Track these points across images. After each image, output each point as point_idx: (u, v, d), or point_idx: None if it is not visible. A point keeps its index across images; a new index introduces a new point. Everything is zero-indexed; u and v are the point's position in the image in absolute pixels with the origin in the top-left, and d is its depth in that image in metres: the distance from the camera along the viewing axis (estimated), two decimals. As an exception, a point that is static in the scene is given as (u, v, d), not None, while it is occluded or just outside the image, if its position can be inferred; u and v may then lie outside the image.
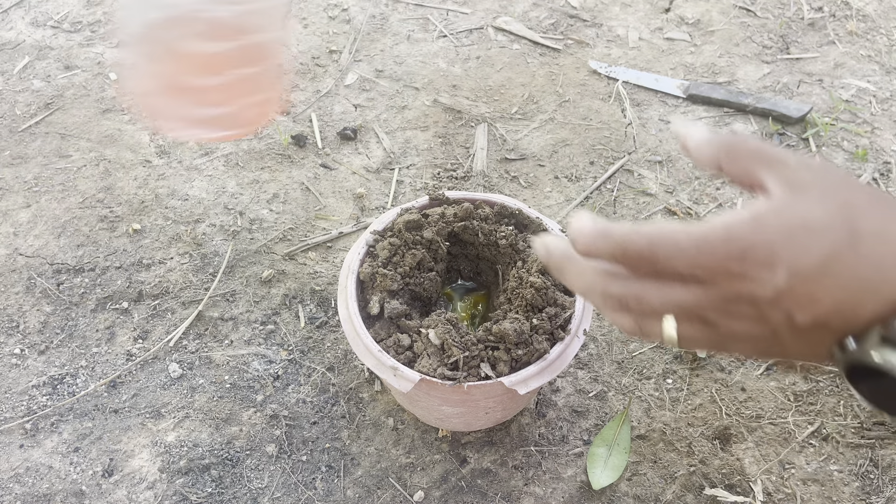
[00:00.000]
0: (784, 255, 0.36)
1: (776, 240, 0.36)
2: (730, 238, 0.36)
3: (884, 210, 0.37)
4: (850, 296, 0.36)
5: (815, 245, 0.36)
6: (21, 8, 1.16)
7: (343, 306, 0.63)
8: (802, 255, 0.36)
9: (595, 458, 0.70)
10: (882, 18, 1.16)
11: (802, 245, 0.36)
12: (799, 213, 0.37)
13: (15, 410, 0.74)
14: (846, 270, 0.36)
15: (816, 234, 0.36)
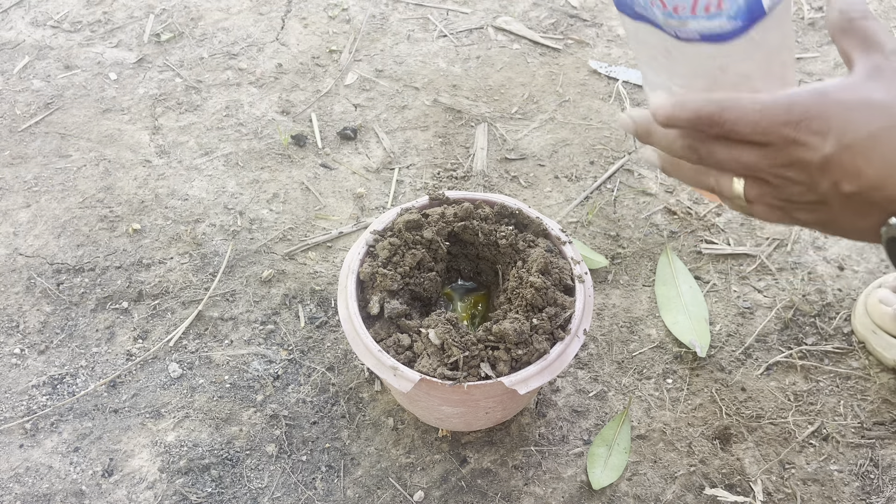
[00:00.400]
0: (836, 126, 0.39)
1: (833, 111, 0.39)
2: (791, 106, 0.40)
3: None
4: (892, 172, 0.39)
5: (868, 120, 0.39)
6: (21, 8, 1.16)
7: (343, 306, 0.63)
8: (854, 127, 0.39)
9: (595, 457, 0.70)
10: (882, 18, 1.16)
11: (856, 119, 0.39)
12: (863, 91, 0.40)
13: (15, 410, 0.74)
14: (893, 148, 0.39)
15: (872, 111, 0.39)
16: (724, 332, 0.80)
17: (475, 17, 1.16)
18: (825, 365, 0.78)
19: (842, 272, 0.85)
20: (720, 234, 0.89)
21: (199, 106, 1.03)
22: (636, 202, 0.92)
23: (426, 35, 1.13)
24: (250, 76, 1.07)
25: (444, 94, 1.05)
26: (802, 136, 0.40)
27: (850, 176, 0.40)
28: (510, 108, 1.03)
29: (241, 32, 1.13)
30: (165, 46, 1.11)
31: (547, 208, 0.91)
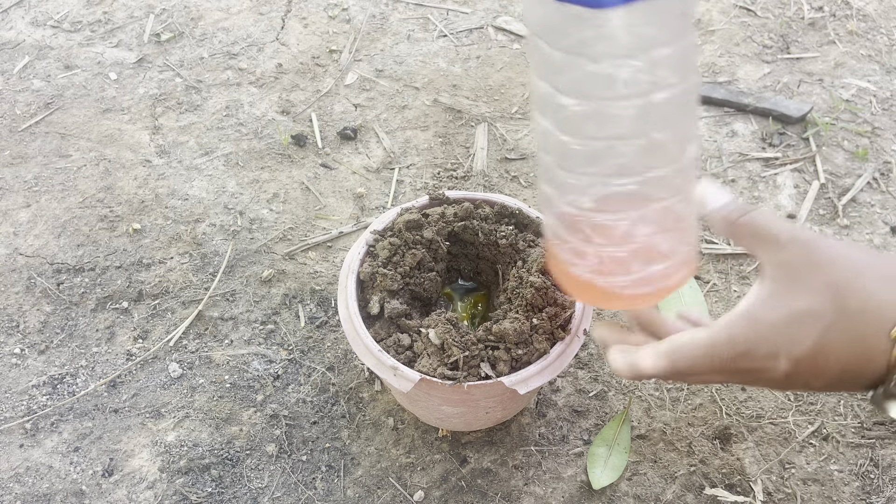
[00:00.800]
0: (781, 347, 0.42)
1: (771, 334, 0.42)
2: (733, 340, 0.43)
3: (865, 284, 0.41)
4: (849, 365, 0.42)
5: (805, 333, 0.41)
6: (21, 7, 1.16)
7: (343, 306, 0.63)
8: (797, 343, 0.42)
9: (595, 457, 0.70)
10: (882, 18, 1.16)
11: (794, 335, 0.42)
12: (786, 304, 0.42)
13: (15, 410, 0.74)
14: (840, 347, 0.41)
15: (805, 323, 0.41)
16: (724, 332, 0.80)
17: (475, 16, 1.16)
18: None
19: (842, 272, 0.85)
20: (720, 233, 0.89)
21: (199, 106, 1.03)
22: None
23: (426, 35, 1.13)
24: (250, 76, 1.07)
25: (445, 93, 1.05)
26: (756, 364, 0.43)
27: (815, 376, 0.43)
28: (510, 107, 1.03)
29: (241, 32, 1.13)
30: (165, 46, 1.11)
31: (547, 208, 0.91)
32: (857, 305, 0.41)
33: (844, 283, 0.41)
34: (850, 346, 0.41)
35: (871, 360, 0.41)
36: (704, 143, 0.99)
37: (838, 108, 1.02)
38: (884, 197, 0.93)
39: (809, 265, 0.42)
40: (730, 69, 1.08)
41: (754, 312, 0.43)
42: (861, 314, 0.41)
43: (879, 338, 0.41)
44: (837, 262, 0.42)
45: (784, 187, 0.94)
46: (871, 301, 0.41)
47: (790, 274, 0.42)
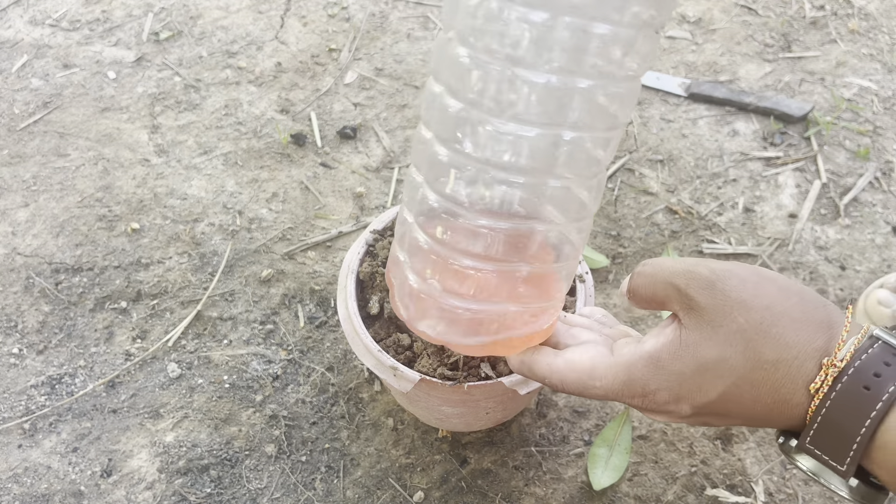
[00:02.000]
0: (685, 394, 0.40)
1: (674, 382, 0.40)
2: (630, 381, 0.41)
3: (782, 331, 0.38)
4: (758, 414, 0.40)
5: (712, 384, 0.39)
6: (19, 6, 1.16)
7: (342, 306, 0.62)
8: (701, 393, 0.40)
9: (596, 458, 0.70)
10: (884, 17, 1.16)
11: (701, 385, 0.40)
12: (695, 355, 0.40)
13: (13, 410, 0.74)
14: (749, 397, 0.39)
15: (714, 373, 0.39)
16: (725, 332, 0.80)
17: (475, 15, 1.16)
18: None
19: (843, 272, 0.85)
20: (722, 233, 0.89)
21: (197, 105, 1.02)
22: (637, 201, 0.92)
23: (426, 34, 1.13)
24: (249, 75, 1.06)
25: (444, 92, 1.04)
26: (658, 406, 0.41)
27: (721, 420, 0.42)
28: (510, 106, 1.03)
29: (241, 31, 1.13)
30: (164, 45, 1.10)
31: (547, 207, 0.91)
32: (773, 356, 0.38)
33: (759, 331, 0.38)
34: (762, 397, 0.39)
35: (784, 411, 0.39)
36: (706, 143, 0.98)
37: (840, 107, 1.02)
38: (885, 196, 0.93)
39: (719, 310, 0.39)
40: (731, 68, 1.08)
41: (660, 359, 0.41)
42: (776, 365, 0.38)
43: (795, 390, 0.38)
44: (750, 305, 0.39)
45: (785, 187, 0.94)
46: (788, 351, 0.38)
47: (699, 321, 0.40)
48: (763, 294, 0.39)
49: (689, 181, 0.94)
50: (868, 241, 0.88)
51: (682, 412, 0.41)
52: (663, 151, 0.97)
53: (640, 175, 0.95)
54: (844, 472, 0.38)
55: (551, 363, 0.45)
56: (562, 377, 0.44)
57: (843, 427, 0.37)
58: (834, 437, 0.38)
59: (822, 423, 0.38)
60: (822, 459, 0.39)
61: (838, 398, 0.37)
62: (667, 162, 0.96)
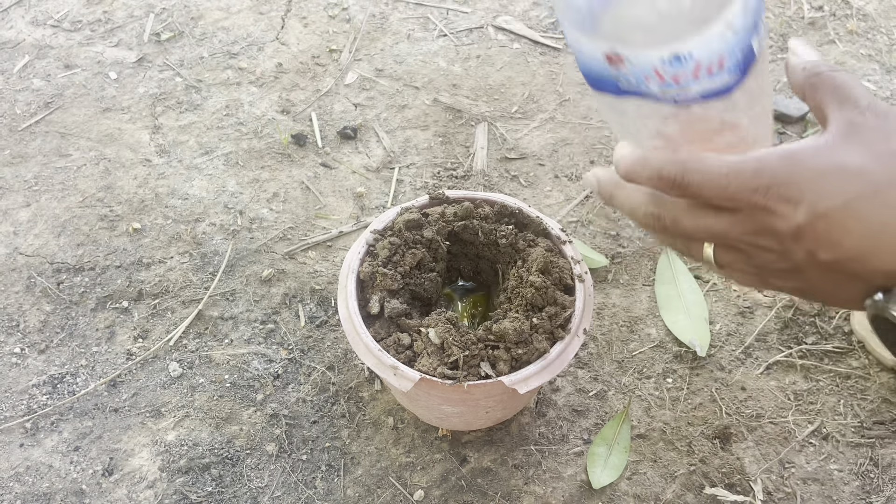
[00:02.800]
0: (808, 194, 0.36)
1: (804, 177, 0.36)
2: (760, 170, 0.37)
3: None
4: (872, 243, 0.36)
5: (842, 188, 0.36)
6: (21, 7, 1.16)
7: (343, 305, 0.63)
8: (827, 195, 0.36)
9: (595, 457, 0.70)
10: (882, 17, 1.16)
11: (830, 186, 0.36)
12: (838, 155, 0.37)
13: (15, 409, 0.74)
14: (871, 216, 0.36)
15: (848, 177, 0.36)
16: (724, 332, 0.80)
17: (475, 16, 1.16)
18: (825, 364, 0.78)
19: (842, 271, 0.85)
20: (720, 233, 0.89)
21: (199, 105, 1.03)
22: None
23: (426, 34, 1.13)
24: (250, 75, 1.07)
25: (445, 93, 1.05)
26: (772, 204, 0.37)
27: (827, 246, 0.38)
28: (510, 107, 1.03)
29: (241, 32, 1.13)
30: (165, 46, 1.10)
31: (547, 207, 0.91)
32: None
33: None
34: (880, 229, 0.36)
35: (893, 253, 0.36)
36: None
37: (838, 107, 1.02)
38: (884, 196, 0.93)
39: (880, 131, 0.37)
40: (730, 69, 1.08)
41: (796, 153, 0.37)
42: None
43: None
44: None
45: (784, 187, 0.94)
46: None
47: (855, 132, 0.37)
48: None
49: (688, 181, 0.94)
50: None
51: (796, 219, 0.37)
52: (662, 152, 0.98)
53: (640, 175, 0.95)
54: None
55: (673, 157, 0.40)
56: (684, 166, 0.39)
57: None
58: None
59: None
60: None
61: None
62: (666, 162, 0.96)
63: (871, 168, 0.36)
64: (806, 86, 0.42)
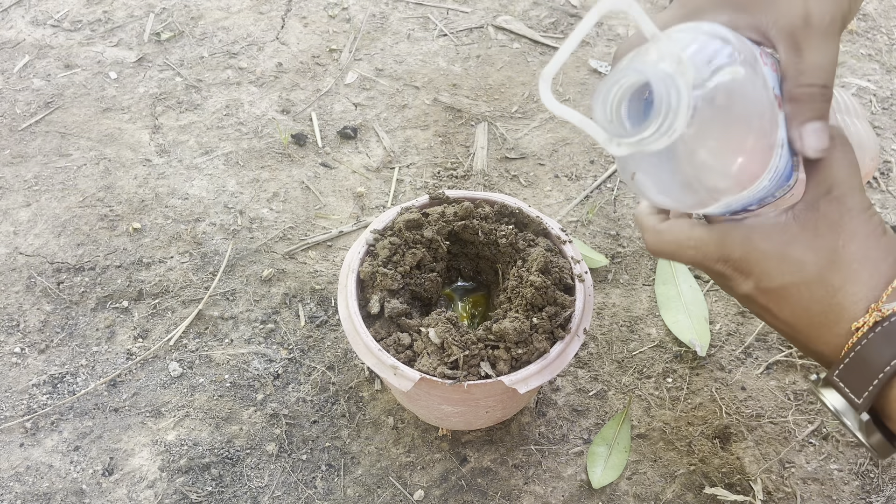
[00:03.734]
0: (756, 272, 0.44)
1: (753, 258, 0.44)
2: (721, 245, 0.45)
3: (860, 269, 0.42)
4: (801, 323, 0.44)
5: (782, 272, 0.43)
6: (21, 7, 1.16)
7: (343, 305, 0.63)
8: (768, 276, 0.44)
9: (595, 456, 0.71)
10: (882, 17, 1.16)
11: (772, 269, 0.43)
12: (787, 242, 0.43)
13: (15, 409, 0.74)
14: (799, 302, 0.43)
15: (787, 265, 0.43)
16: (724, 332, 0.80)
17: (475, 16, 1.16)
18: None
19: (842, 271, 0.85)
20: (720, 233, 0.89)
21: (199, 105, 1.03)
22: (636, 201, 0.92)
23: (426, 34, 1.13)
24: (250, 75, 1.07)
25: (445, 93, 1.05)
26: (729, 272, 0.45)
27: (771, 310, 0.45)
28: (510, 107, 1.03)
29: (242, 31, 1.13)
30: (165, 45, 1.11)
31: (547, 207, 0.91)
32: (839, 284, 0.42)
33: (845, 260, 0.42)
34: (813, 309, 0.43)
35: (823, 334, 0.43)
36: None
37: (838, 107, 1.02)
38: (884, 196, 0.93)
39: (832, 227, 0.42)
40: (730, 68, 1.08)
41: (754, 234, 0.44)
42: (837, 291, 0.42)
43: (841, 323, 0.43)
44: (857, 239, 0.42)
45: (784, 187, 0.94)
46: (852, 286, 0.42)
47: (813, 219, 0.42)
48: (870, 230, 0.42)
49: (688, 181, 0.94)
50: (866, 240, 0.88)
51: (744, 289, 0.45)
52: (662, 151, 0.98)
53: (640, 175, 0.95)
54: (860, 405, 0.42)
55: (656, 224, 0.47)
56: (659, 235, 0.47)
57: (870, 362, 0.41)
58: (860, 372, 0.41)
59: (853, 359, 0.42)
60: (843, 392, 0.43)
61: (874, 339, 0.41)
62: (666, 162, 0.96)
63: (807, 261, 0.42)
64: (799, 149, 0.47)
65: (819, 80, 0.41)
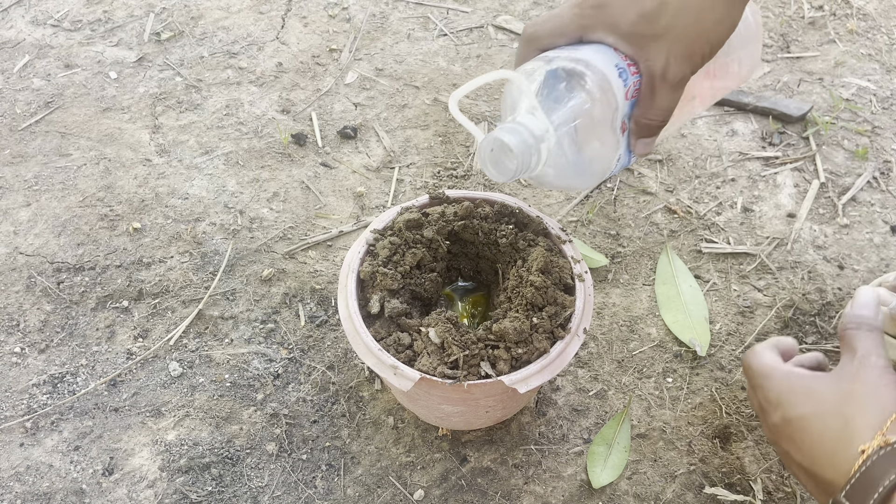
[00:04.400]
0: (784, 402, 0.55)
1: (784, 393, 0.55)
2: (768, 377, 0.58)
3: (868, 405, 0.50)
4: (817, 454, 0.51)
5: (804, 405, 0.53)
6: (21, 6, 1.16)
7: (343, 305, 0.63)
8: (793, 407, 0.54)
9: (595, 456, 0.71)
10: (882, 17, 1.16)
11: (797, 401, 0.54)
12: (813, 380, 0.54)
13: (15, 409, 0.74)
14: (814, 430, 0.52)
15: (808, 397, 0.53)
16: (724, 331, 0.80)
17: (475, 16, 1.16)
18: (825, 364, 0.78)
19: (842, 271, 0.85)
20: (720, 233, 0.89)
21: (199, 105, 1.03)
22: (636, 201, 0.92)
23: (426, 34, 1.13)
24: (250, 75, 1.07)
25: (445, 92, 1.05)
26: (763, 403, 0.57)
27: (794, 447, 0.53)
28: (510, 106, 1.03)
29: (242, 31, 1.13)
30: (166, 45, 1.11)
31: (547, 207, 0.91)
32: (851, 413, 0.51)
33: (858, 397, 0.51)
34: (826, 441, 0.51)
35: (835, 462, 0.50)
36: (705, 143, 0.99)
37: (838, 107, 1.02)
38: (884, 196, 0.93)
39: (850, 374, 0.53)
40: (730, 68, 1.08)
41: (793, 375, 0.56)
42: (848, 421, 0.50)
43: (850, 448, 0.49)
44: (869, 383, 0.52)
45: (784, 186, 0.94)
46: (861, 416, 0.50)
47: (839, 370, 0.54)
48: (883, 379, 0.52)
49: (687, 181, 0.94)
50: (866, 240, 0.88)
51: (775, 417, 0.55)
52: (662, 151, 0.98)
53: (639, 175, 0.95)
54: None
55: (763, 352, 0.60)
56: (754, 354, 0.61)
57: (874, 479, 0.47)
58: (864, 489, 0.47)
59: (859, 479, 0.48)
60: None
61: (878, 460, 0.47)
62: (666, 162, 0.97)
63: (827, 396, 0.52)
64: (841, 332, 0.58)
65: (658, 119, 0.52)
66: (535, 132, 0.50)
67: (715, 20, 0.49)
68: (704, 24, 0.49)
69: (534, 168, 0.51)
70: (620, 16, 0.49)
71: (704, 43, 0.50)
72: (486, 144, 0.51)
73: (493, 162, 0.51)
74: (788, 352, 0.62)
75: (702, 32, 0.49)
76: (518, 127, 0.50)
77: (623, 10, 0.49)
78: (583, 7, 0.51)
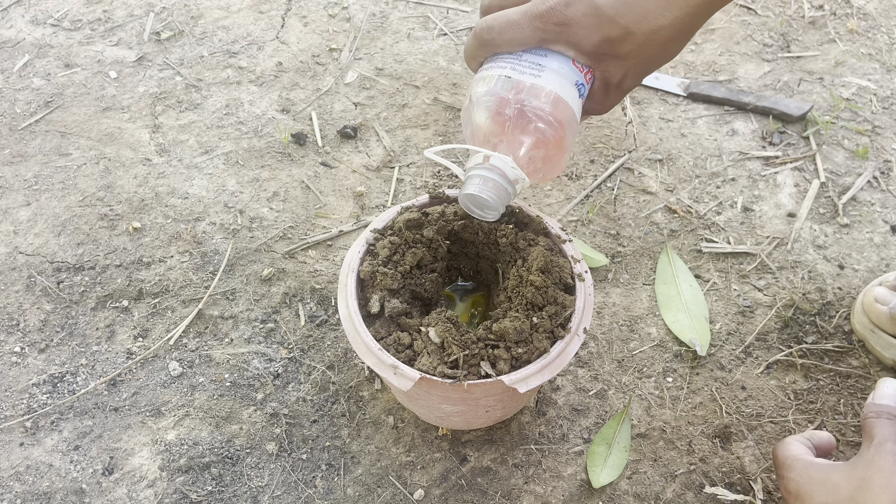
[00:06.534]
0: (803, 493, 0.57)
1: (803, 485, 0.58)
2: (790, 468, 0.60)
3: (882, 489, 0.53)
4: None
5: (821, 494, 0.56)
6: (21, 6, 1.16)
7: (343, 305, 0.63)
8: (811, 497, 0.56)
9: (595, 456, 0.70)
10: (883, 17, 1.16)
11: (815, 491, 0.56)
12: (832, 472, 0.57)
13: (15, 409, 0.74)
14: None
15: (826, 488, 0.56)
16: (724, 331, 0.80)
17: (475, 15, 1.16)
18: (825, 363, 0.78)
19: (842, 271, 0.85)
20: (720, 232, 0.89)
21: (199, 104, 1.03)
22: (636, 200, 0.92)
23: (426, 33, 1.13)
24: (250, 74, 1.07)
25: (445, 92, 1.05)
26: (786, 495, 0.59)
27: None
28: (510, 106, 1.03)
29: (241, 31, 1.13)
30: (165, 45, 1.10)
31: (547, 206, 0.91)
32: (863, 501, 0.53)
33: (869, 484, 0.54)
34: None
35: None
36: (705, 142, 0.99)
37: (838, 106, 1.02)
38: (884, 196, 0.93)
39: (865, 462, 0.55)
40: (730, 68, 1.08)
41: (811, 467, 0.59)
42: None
43: None
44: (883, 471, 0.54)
45: (784, 186, 0.94)
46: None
47: (859, 458, 0.56)
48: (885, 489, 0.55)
49: (688, 180, 0.94)
50: (866, 240, 0.88)
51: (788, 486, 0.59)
52: (662, 151, 0.98)
53: (640, 174, 0.95)
54: None
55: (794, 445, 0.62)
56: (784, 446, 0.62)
57: None
58: None
59: None
60: None
61: None
62: (666, 161, 0.97)
63: (842, 485, 0.55)
64: (862, 420, 0.59)
65: (604, 111, 0.58)
66: (509, 175, 0.54)
67: (677, 48, 0.53)
68: (667, 51, 0.53)
69: (513, 197, 0.56)
70: (584, 37, 0.51)
71: (660, 63, 0.54)
72: (465, 200, 0.56)
73: (477, 207, 0.57)
74: (823, 446, 0.64)
75: (663, 58, 0.53)
76: (490, 174, 0.54)
77: (587, 33, 0.51)
78: (545, 23, 0.52)
